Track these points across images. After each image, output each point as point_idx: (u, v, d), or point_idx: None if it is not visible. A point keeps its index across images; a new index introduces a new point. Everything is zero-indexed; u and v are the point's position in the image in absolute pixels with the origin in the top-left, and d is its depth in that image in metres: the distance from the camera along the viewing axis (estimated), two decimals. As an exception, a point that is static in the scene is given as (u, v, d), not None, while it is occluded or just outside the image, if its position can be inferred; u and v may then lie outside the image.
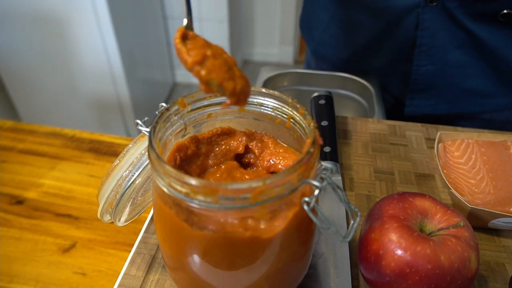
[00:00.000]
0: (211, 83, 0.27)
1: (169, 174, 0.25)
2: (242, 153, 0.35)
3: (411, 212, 0.33)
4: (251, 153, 0.36)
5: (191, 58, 0.26)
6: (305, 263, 0.34)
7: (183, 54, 0.27)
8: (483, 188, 0.44)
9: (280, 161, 0.34)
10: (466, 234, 0.32)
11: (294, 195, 0.27)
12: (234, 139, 0.35)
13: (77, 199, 0.63)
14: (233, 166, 0.35)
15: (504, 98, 0.66)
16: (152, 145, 0.27)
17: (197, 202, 0.25)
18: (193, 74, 0.27)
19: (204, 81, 0.27)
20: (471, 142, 0.50)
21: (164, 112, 0.31)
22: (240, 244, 0.28)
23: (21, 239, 0.57)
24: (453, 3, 0.58)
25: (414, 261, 0.30)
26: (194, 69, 0.26)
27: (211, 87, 0.27)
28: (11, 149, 0.70)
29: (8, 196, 0.62)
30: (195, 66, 0.26)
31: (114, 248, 0.56)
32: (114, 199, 0.34)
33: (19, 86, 1.76)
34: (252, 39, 2.57)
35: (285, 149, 0.35)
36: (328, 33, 0.74)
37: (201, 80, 0.27)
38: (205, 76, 0.26)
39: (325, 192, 0.45)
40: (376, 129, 0.57)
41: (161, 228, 0.31)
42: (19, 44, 1.62)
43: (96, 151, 0.71)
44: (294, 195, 0.27)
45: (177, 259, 0.32)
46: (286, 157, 0.34)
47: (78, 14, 1.51)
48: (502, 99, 0.66)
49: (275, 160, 0.34)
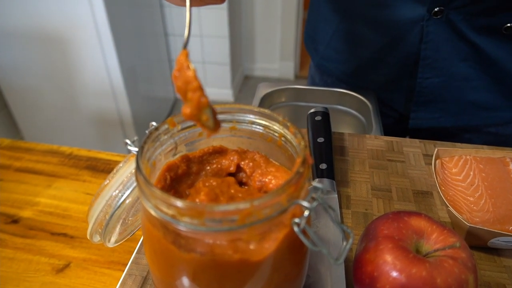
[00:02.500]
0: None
1: (155, 196, 0.25)
2: (234, 172, 0.35)
3: (406, 232, 0.32)
4: (243, 172, 0.35)
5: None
6: (298, 284, 0.34)
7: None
8: (482, 206, 0.44)
9: (271, 180, 0.33)
10: (463, 255, 0.31)
11: (284, 216, 0.27)
12: (225, 158, 0.35)
13: (73, 217, 0.62)
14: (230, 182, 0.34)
15: (509, 112, 0.65)
16: (139, 166, 0.27)
17: (183, 225, 0.25)
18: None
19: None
20: (469, 158, 0.49)
21: (153, 131, 0.30)
22: (229, 267, 0.27)
23: (15, 259, 0.56)
24: (457, 16, 0.58)
25: (410, 283, 0.29)
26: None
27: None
28: (8, 168, 0.70)
29: (4, 215, 0.62)
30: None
31: (108, 268, 0.55)
32: (103, 220, 0.33)
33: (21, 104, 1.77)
34: (252, 55, 2.60)
35: (276, 168, 0.34)
36: (332, 47, 0.74)
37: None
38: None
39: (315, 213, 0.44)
40: (373, 145, 0.57)
41: (150, 250, 0.30)
42: (22, 63, 1.64)
43: (93, 169, 0.71)
44: (284, 216, 0.27)
45: (167, 282, 0.31)
46: (277, 176, 0.33)
47: (80, 33, 1.53)
48: (508, 112, 0.65)
49: (267, 179, 0.33)
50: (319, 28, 0.75)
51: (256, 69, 2.65)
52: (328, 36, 0.73)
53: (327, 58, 0.76)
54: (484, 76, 0.62)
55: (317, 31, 0.76)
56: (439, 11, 0.57)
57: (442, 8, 0.57)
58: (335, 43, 0.73)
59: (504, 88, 0.63)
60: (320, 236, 0.42)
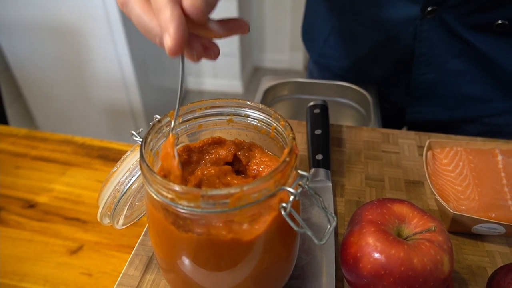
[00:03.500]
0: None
1: (157, 182, 0.28)
2: (231, 161, 0.38)
3: (388, 217, 0.35)
4: (240, 162, 0.38)
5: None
6: (289, 265, 0.37)
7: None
8: (468, 194, 0.46)
9: (265, 169, 0.36)
10: (440, 238, 0.33)
11: (272, 201, 0.30)
12: (223, 148, 0.38)
13: (85, 203, 0.66)
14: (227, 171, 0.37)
15: (502, 103, 0.67)
16: (142, 155, 0.30)
17: (181, 207, 0.28)
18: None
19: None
20: (460, 150, 0.51)
21: (156, 123, 0.34)
22: (223, 246, 0.30)
23: (32, 241, 0.60)
24: (450, 15, 0.59)
25: (388, 263, 0.32)
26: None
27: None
28: (24, 156, 0.74)
29: (21, 201, 0.66)
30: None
31: (118, 251, 0.59)
32: (112, 203, 0.37)
33: (35, 94, 1.82)
34: (262, 46, 2.61)
35: (270, 157, 0.37)
36: (329, 44, 0.76)
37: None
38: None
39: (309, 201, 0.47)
40: (369, 137, 0.59)
41: (153, 231, 0.34)
42: (36, 54, 1.68)
43: (105, 158, 0.75)
44: (272, 200, 0.30)
45: (168, 260, 0.34)
46: (270, 166, 0.36)
47: (92, 24, 1.56)
48: (501, 103, 0.67)
49: (261, 168, 0.36)
50: (316, 25, 0.77)
51: (266, 60, 2.67)
52: (325, 33, 0.75)
53: (325, 55, 0.78)
54: (478, 70, 0.64)
55: (314, 28, 0.78)
56: (432, 10, 0.59)
57: (435, 8, 0.58)
58: (332, 40, 0.75)
59: (497, 81, 0.64)
60: (313, 222, 0.45)
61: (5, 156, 0.74)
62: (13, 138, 0.78)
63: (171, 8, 0.26)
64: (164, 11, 0.26)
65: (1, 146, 0.76)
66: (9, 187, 0.68)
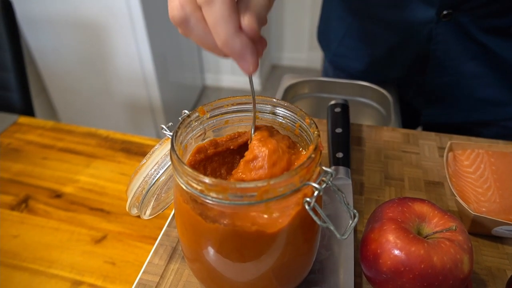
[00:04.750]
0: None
1: (187, 174, 0.29)
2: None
3: (409, 215, 0.36)
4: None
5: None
6: (310, 258, 0.38)
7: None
8: (489, 196, 0.46)
9: (289, 164, 0.37)
10: (460, 237, 0.34)
11: (296, 195, 0.31)
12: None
13: (109, 195, 0.69)
14: None
15: None
16: (173, 148, 0.31)
17: (210, 198, 0.29)
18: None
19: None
20: (481, 152, 0.51)
21: (185, 118, 0.35)
22: (247, 237, 0.31)
23: (59, 230, 0.62)
24: (466, 18, 0.59)
25: (408, 260, 0.33)
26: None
27: None
28: (51, 147, 0.77)
29: (49, 190, 0.69)
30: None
31: (140, 241, 0.61)
32: (140, 194, 0.38)
33: (59, 88, 1.87)
34: (280, 44, 2.61)
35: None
36: (344, 44, 0.76)
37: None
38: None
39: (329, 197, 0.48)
40: (390, 137, 0.60)
41: (180, 221, 0.35)
42: (60, 49, 1.72)
43: (128, 151, 0.77)
44: (297, 195, 0.31)
45: (194, 250, 0.36)
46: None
47: (115, 20, 1.59)
48: None
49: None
50: (332, 26, 0.78)
51: (284, 59, 2.67)
52: (340, 34, 0.76)
53: (340, 55, 0.79)
54: (493, 73, 0.64)
55: (330, 29, 0.79)
56: (448, 14, 0.59)
57: (451, 12, 0.58)
58: (348, 41, 0.75)
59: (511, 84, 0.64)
60: (333, 218, 0.46)
61: (33, 147, 0.77)
62: (41, 130, 0.81)
63: (239, 38, 0.28)
64: (234, 41, 0.28)
65: (29, 137, 0.79)
66: (37, 177, 0.71)
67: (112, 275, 0.56)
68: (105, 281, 0.55)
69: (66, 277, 0.56)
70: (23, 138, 0.79)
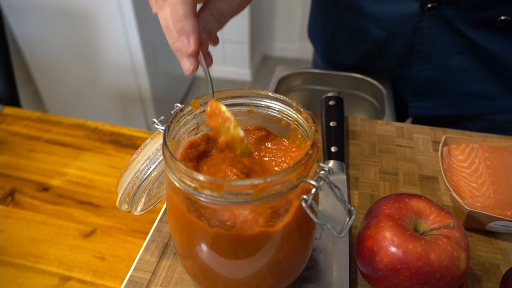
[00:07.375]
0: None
1: (180, 170, 0.28)
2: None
3: (406, 212, 0.35)
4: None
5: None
6: (305, 255, 0.37)
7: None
8: (483, 191, 0.46)
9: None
10: (457, 234, 0.34)
11: (293, 193, 0.30)
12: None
13: (98, 188, 0.67)
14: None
15: (506, 100, 0.67)
16: (166, 143, 0.30)
17: (204, 196, 0.28)
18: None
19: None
20: (476, 146, 0.51)
21: (178, 112, 0.34)
22: (242, 235, 0.30)
23: (47, 224, 0.61)
24: (451, 11, 0.59)
25: (405, 258, 0.32)
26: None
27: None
28: (38, 139, 0.75)
29: (36, 183, 0.67)
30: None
31: (131, 236, 0.60)
32: (131, 190, 0.37)
33: (45, 78, 1.83)
34: (272, 35, 2.59)
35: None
36: (334, 39, 0.76)
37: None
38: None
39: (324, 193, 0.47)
40: (384, 131, 0.59)
41: (173, 218, 0.34)
42: (46, 37, 1.68)
43: (117, 143, 0.75)
44: (294, 192, 0.30)
45: (187, 247, 0.35)
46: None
47: (103, 9, 1.56)
48: (504, 100, 0.67)
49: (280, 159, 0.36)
50: (321, 22, 0.78)
51: (275, 49, 2.65)
52: (330, 30, 0.76)
53: (330, 50, 0.79)
54: (480, 67, 0.64)
55: (319, 25, 0.79)
56: (432, 7, 0.58)
57: (435, 5, 0.58)
58: (337, 36, 0.75)
59: (499, 78, 0.64)
60: (327, 213, 0.46)
61: (19, 139, 0.74)
62: (27, 121, 0.78)
63: (192, 20, 0.34)
64: (187, 20, 0.33)
65: (15, 129, 0.77)
66: (23, 170, 0.69)
67: (102, 270, 0.55)
68: (94, 277, 0.54)
69: (54, 272, 0.55)
70: (8, 130, 0.76)
